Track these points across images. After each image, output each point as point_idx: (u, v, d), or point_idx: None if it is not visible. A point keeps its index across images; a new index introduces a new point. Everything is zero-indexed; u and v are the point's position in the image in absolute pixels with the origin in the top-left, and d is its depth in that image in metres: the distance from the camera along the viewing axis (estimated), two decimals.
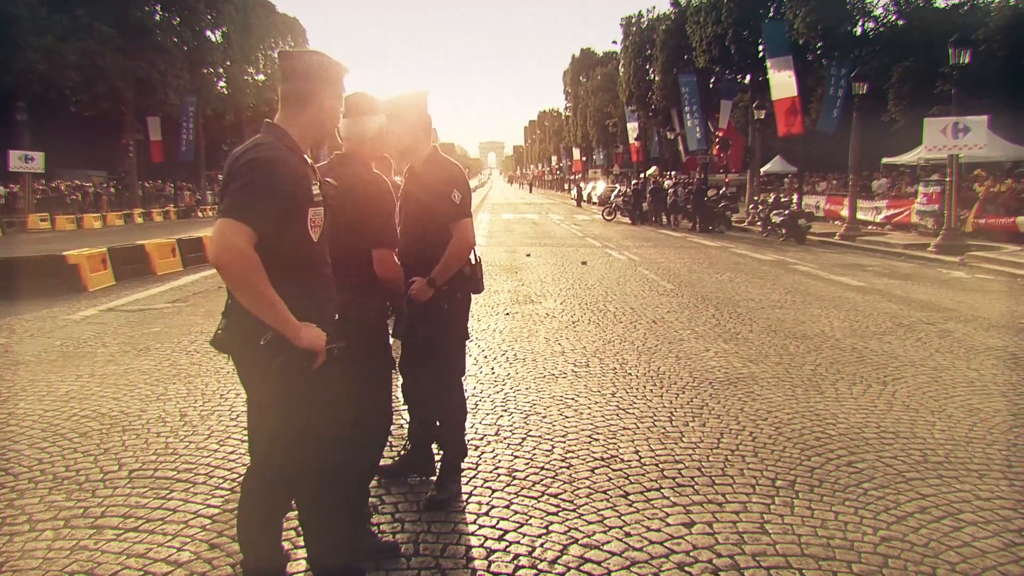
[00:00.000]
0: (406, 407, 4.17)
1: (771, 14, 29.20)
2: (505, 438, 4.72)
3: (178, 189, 45.82)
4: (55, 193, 35.80)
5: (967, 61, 17.81)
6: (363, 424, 3.35)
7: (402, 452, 4.42)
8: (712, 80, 38.80)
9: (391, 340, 3.47)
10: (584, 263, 15.00)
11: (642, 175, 43.63)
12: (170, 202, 43.32)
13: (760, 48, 28.99)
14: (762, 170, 36.89)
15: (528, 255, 16.70)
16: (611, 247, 19.07)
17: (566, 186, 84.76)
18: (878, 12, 27.19)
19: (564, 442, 4.65)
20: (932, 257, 16.77)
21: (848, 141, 22.86)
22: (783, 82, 26.71)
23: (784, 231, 21.88)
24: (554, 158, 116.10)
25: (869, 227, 23.97)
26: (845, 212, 23.34)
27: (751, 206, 28.84)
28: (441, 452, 3.98)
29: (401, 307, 3.43)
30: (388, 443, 3.90)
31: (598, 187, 52.31)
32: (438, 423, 3.95)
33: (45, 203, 32.89)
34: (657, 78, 44.58)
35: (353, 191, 3.00)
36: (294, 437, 2.51)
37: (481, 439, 4.70)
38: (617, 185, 43.27)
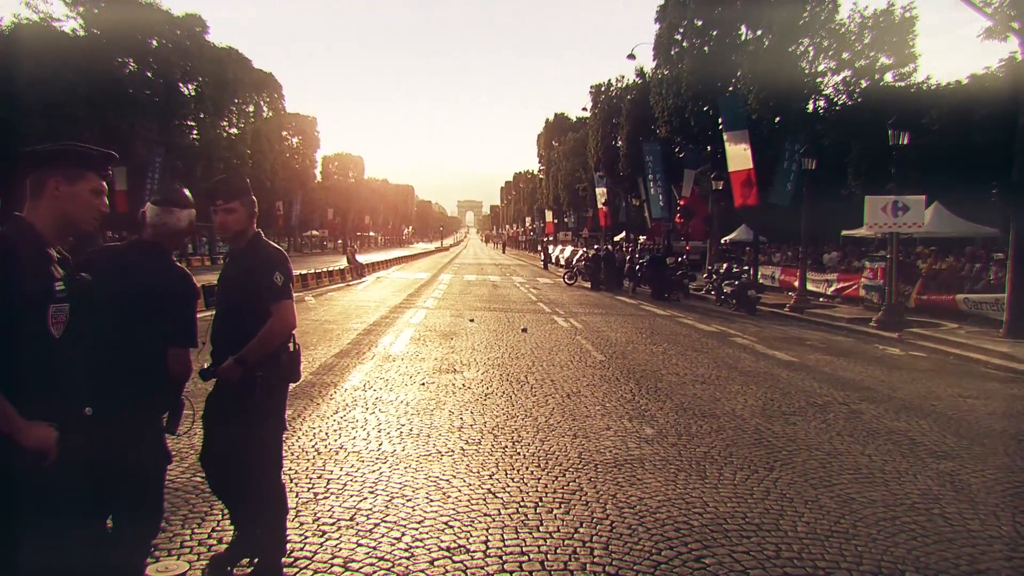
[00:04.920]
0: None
1: (729, 88, 30.04)
2: (358, 524, 4.59)
3: None
4: None
5: (906, 142, 18.43)
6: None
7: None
8: (677, 150, 39.66)
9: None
10: (524, 330, 14.96)
11: (616, 240, 44.09)
12: None
13: (719, 121, 29.73)
14: (728, 239, 37.46)
15: (471, 320, 16.64)
16: (559, 313, 19.07)
17: (538, 247, 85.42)
18: (828, 91, 28.07)
19: (417, 529, 4.53)
20: (872, 332, 16.94)
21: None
22: (739, 154, 27.29)
23: (735, 301, 22.13)
24: (528, 219, 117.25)
25: (820, 299, 24.27)
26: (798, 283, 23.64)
27: (705, 275, 29.17)
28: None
29: (177, 403, 3.27)
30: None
31: (566, 250, 52.73)
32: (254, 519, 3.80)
33: None
34: (623, 146, 45.55)
35: (157, 286, 3.08)
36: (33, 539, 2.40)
37: (333, 524, 4.57)
38: (582, 249, 43.68)
